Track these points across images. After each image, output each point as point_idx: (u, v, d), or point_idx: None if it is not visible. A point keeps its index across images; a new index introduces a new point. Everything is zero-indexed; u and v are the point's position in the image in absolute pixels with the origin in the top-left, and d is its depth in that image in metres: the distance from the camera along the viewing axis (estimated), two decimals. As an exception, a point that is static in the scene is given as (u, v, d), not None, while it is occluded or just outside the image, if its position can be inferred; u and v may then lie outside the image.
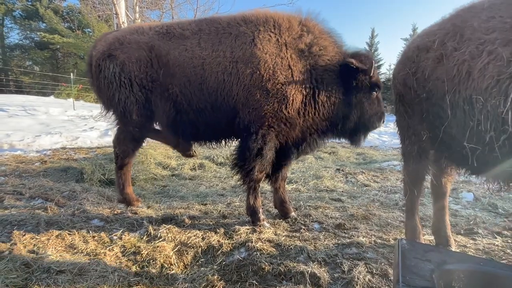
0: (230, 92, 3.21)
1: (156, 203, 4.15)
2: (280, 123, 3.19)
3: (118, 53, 3.51)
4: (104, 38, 3.81)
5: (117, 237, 2.99)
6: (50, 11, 29.39)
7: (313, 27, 3.35)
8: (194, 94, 3.30)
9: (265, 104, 3.13)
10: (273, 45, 3.17)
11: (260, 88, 3.12)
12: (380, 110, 3.49)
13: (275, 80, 3.10)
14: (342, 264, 2.61)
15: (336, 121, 3.39)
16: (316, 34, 3.30)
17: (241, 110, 3.22)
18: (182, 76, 3.30)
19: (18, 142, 7.62)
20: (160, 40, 3.46)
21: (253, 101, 3.15)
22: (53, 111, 13.95)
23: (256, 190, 3.42)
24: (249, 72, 3.14)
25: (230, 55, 3.20)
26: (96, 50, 3.71)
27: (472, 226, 3.53)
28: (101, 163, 5.59)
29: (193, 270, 2.58)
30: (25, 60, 36.22)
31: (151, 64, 3.41)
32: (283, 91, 3.12)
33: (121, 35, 3.63)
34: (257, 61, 3.13)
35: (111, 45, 3.59)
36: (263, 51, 3.15)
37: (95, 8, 12.83)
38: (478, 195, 4.69)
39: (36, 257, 2.50)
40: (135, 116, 3.55)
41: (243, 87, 3.16)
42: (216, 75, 3.22)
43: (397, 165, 6.98)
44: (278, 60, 3.12)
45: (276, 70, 3.11)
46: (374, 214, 3.86)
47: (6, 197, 3.89)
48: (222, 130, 3.49)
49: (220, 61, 3.21)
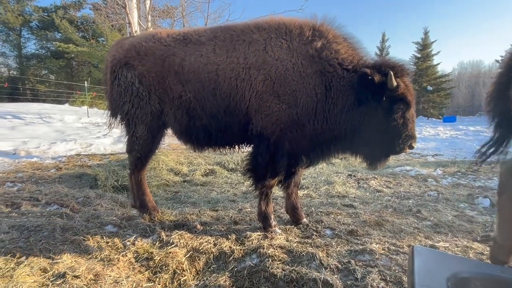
0: (243, 97, 3.24)
1: (168, 209, 4.18)
2: (292, 129, 3.17)
3: (136, 64, 3.55)
4: (120, 44, 3.82)
5: (130, 243, 3.02)
6: (65, 22, 30.20)
7: (326, 32, 3.25)
8: (207, 99, 3.33)
9: (277, 110, 3.13)
10: (284, 51, 3.17)
11: (272, 94, 3.13)
12: (406, 132, 3.00)
13: (286, 86, 3.11)
14: (355, 271, 2.58)
15: (342, 134, 3.17)
16: (329, 39, 3.21)
17: (254, 117, 3.24)
18: (197, 82, 3.34)
19: (34, 149, 7.81)
20: (176, 47, 3.50)
21: (265, 107, 3.16)
22: (68, 118, 14.28)
23: (268, 196, 3.42)
24: (261, 78, 3.16)
25: (243, 61, 3.23)
26: (111, 55, 3.74)
27: (489, 233, 3.44)
28: (114, 169, 5.68)
29: (205, 276, 2.59)
30: (41, 69, 37.30)
31: (167, 75, 3.44)
32: (294, 97, 3.11)
33: (138, 43, 3.64)
34: (269, 67, 3.15)
35: (127, 52, 3.62)
36: (274, 58, 3.16)
37: (109, 18, 13.16)
38: (495, 201, 4.58)
39: (52, 262, 2.55)
40: (143, 127, 3.59)
41: (255, 93, 3.18)
42: (230, 80, 3.25)
43: (410, 170, 6.89)
44: (289, 66, 3.12)
45: (287, 75, 3.12)
46: (387, 220, 3.81)
47: (23, 203, 3.99)
48: (234, 135, 3.50)
49: (233, 67, 3.25)
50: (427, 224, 3.75)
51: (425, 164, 7.96)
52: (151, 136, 3.68)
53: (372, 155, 3.25)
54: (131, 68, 3.56)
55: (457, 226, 3.68)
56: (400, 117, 2.99)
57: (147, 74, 3.50)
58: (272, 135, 3.18)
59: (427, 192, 5.24)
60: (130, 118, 3.65)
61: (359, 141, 3.17)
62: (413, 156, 9.83)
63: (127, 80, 3.57)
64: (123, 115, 3.73)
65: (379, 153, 3.22)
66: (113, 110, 3.87)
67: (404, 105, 2.98)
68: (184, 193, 5.11)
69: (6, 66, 36.30)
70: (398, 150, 3.11)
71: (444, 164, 7.83)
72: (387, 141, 3.07)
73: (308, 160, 3.46)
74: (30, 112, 14.93)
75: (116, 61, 3.66)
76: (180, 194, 5.10)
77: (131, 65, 3.56)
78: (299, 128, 3.18)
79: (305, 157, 3.42)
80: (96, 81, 28.41)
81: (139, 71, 3.53)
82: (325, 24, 3.32)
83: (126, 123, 3.76)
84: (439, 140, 14.50)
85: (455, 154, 10.36)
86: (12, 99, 25.16)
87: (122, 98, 3.64)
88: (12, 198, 4.17)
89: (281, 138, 3.19)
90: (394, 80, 2.86)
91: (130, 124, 3.69)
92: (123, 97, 3.62)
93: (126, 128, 3.82)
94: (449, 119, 34.53)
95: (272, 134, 3.18)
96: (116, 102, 3.72)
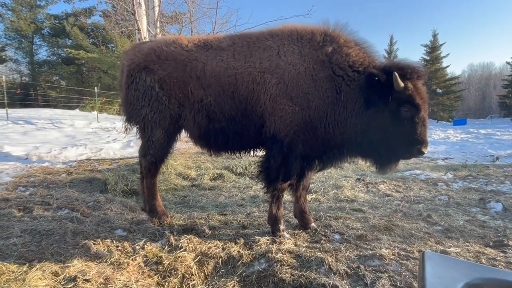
0: (258, 100, 3.31)
1: (177, 213, 4.21)
2: (305, 131, 3.22)
3: (156, 68, 3.58)
4: (138, 48, 3.83)
5: (140, 247, 3.05)
6: (76, 29, 30.78)
7: (337, 37, 3.32)
8: (226, 102, 3.40)
9: (290, 112, 3.19)
10: (296, 56, 3.25)
11: (285, 96, 3.20)
12: (414, 135, 2.92)
13: (298, 89, 3.18)
14: (364, 277, 2.55)
15: (352, 138, 3.18)
16: (340, 43, 3.27)
17: (268, 120, 3.30)
18: (218, 86, 3.41)
19: (45, 154, 7.94)
20: (198, 52, 3.55)
21: (279, 109, 3.23)
22: (78, 123, 14.51)
23: (280, 200, 3.45)
24: (274, 81, 3.24)
25: (258, 66, 3.32)
26: (129, 59, 3.76)
27: (502, 238, 3.38)
28: (123, 174, 5.74)
29: (214, 280, 2.60)
30: (52, 75, 37.98)
31: (189, 80, 3.48)
32: (306, 99, 3.18)
33: (158, 47, 3.66)
34: (282, 71, 3.24)
35: (147, 56, 3.64)
36: (287, 62, 3.25)
37: (118, 25, 13.36)
38: (507, 205, 4.50)
39: (63, 266, 2.58)
40: (160, 131, 3.63)
41: (269, 96, 3.26)
42: (247, 84, 3.33)
43: (420, 174, 6.81)
44: (302, 70, 3.20)
45: (300, 79, 3.19)
46: (397, 225, 3.77)
47: (35, 207, 4.05)
48: (250, 138, 3.54)
49: (250, 71, 3.33)
50: (438, 229, 3.69)
51: (435, 168, 7.86)
52: (167, 141, 3.73)
53: (381, 159, 3.24)
54: (150, 72, 3.59)
55: (469, 231, 3.62)
56: (408, 121, 2.95)
57: (168, 78, 3.54)
58: (286, 137, 3.23)
59: (437, 196, 5.17)
60: (147, 122, 3.67)
61: (369, 144, 3.17)
62: (422, 160, 9.72)
63: (146, 84, 3.60)
64: (139, 119, 3.74)
65: (388, 157, 3.20)
66: (128, 114, 3.89)
67: (413, 108, 2.93)
68: (192, 198, 5.13)
69: (18, 72, 37.15)
70: (407, 155, 3.09)
71: (455, 168, 7.72)
72: (396, 145, 3.05)
73: (320, 163, 3.49)
74: (42, 118, 15.23)
75: (134, 65, 3.68)
76: (188, 198, 5.12)
77: (150, 69, 3.59)
78: (312, 131, 3.23)
79: (318, 160, 3.45)
80: (106, 86, 28.86)
81: (160, 76, 3.56)
82: (337, 30, 3.38)
83: (142, 127, 3.77)
84: (449, 143, 14.30)
85: (465, 157, 10.21)
86: (24, 105, 25.68)
87: (139, 102, 3.65)
88: (24, 203, 4.24)
89: (294, 140, 3.23)
90: (400, 81, 2.84)
91: (146, 129, 3.71)
92: (141, 101, 3.65)
93: (142, 133, 3.83)
94: (459, 122, 34.13)
95: (285, 136, 3.23)
96: (133, 106, 3.73)
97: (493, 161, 9.14)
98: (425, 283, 1.30)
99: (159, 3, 10.12)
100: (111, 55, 28.90)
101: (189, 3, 11.44)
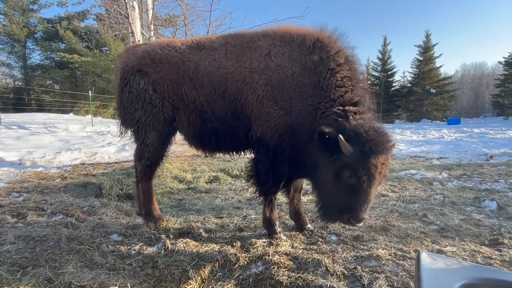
0: (246, 101, 3.28)
1: (173, 216, 4.18)
2: (289, 135, 3.14)
3: (150, 71, 3.57)
4: (132, 51, 3.82)
5: (136, 251, 3.02)
6: (69, 32, 30.64)
7: (329, 45, 3.12)
8: (217, 102, 3.39)
9: (275, 116, 3.14)
10: (286, 59, 3.18)
11: (271, 99, 3.15)
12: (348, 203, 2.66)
13: (284, 92, 3.11)
14: (361, 278, 2.55)
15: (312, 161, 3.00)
16: (330, 54, 3.07)
17: (254, 122, 3.27)
18: (209, 85, 3.39)
19: (39, 159, 7.87)
20: (191, 53, 3.54)
21: (264, 112, 3.18)
22: (72, 127, 14.42)
23: (272, 202, 3.42)
24: (262, 82, 3.20)
25: (248, 66, 3.29)
26: (122, 62, 3.74)
27: (497, 237, 3.40)
28: (118, 178, 5.70)
29: (211, 284, 2.58)
30: (45, 79, 37.69)
31: (183, 81, 3.47)
32: (290, 104, 3.09)
33: (152, 50, 3.65)
34: (270, 72, 3.18)
35: (141, 59, 3.63)
36: (276, 64, 3.19)
37: (112, 28, 13.30)
38: (502, 204, 4.54)
39: (58, 272, 2.55)
40: (154, 134, 3.61)
41: (256, 97, 3.21)
42: (236, 83, 3.31)
43: (415, 174, 6.84)
44: (289, 73, 3.12)
45: (286, 82, 3.12)
46: (393, 225, 3.78)
47: (29, 213, 4.01)
48: (240, 139, 3.52)
49: (240, 71, 3.30)
50: (434, 228, 3.71)
51: (430, 167, 7.91)
52: (161, 143, 3.71)
53: (321, 204, 3.02)
54: (144, 75, 3.58)
55: (464, 230, 3.64)
56: (348, 187, 2.66)
57: (162, 81, 3.54)
58: (271, 140, 3.19)
59: (433, 195, 5.20)
60: (141, 126, 3.66)
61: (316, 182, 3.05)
62: (417, 160, 9.78)
63: (139, 87, 3.58)
64: (133, 122, 3.72)
65: (325, 207, 2.97)
66: (122, 118, 3.87)
67: (355, 178, 2.59)
68: (188, 201, 5.11)
69: (11, 77, 36.84)
70: (337, 216, 2.84)
71: (450, 167, 7.77)
72: (332, 200, 2.85)
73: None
74: (35, 122, 15.10)
75: (128, 68, 3.67)
76: (184, 201, 5.10)
77: (144, 72, 3.59)
78: (296, 136, 3.12)
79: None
80: (100, 90, 28.71)
81: (154, 78, 3.55)
82: (331, 37, 3.21)
83: (136, 130, 3.75)
84: (444, 142, 14.40)
85: (460, 156, 10.28)
86: (18, 109, 25.50)
87: (133, 105, 3.64)
88: (18, 208, 4.19)
89: (280, 144, 3.18)
90: (348, 146, 2.55)
91: (140, 132, 3.70)
92: (134, 104, 3.63)
93: (136, 136, 3.81)
94: (453, 122, 34.42)
95: (271, 139, 3.19)
96: (127, 109, 3.72)
97: (487, 160, 9.21)
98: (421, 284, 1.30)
99: (152, 6, 10.11)
100: (105, 58, 28.79)
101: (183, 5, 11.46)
